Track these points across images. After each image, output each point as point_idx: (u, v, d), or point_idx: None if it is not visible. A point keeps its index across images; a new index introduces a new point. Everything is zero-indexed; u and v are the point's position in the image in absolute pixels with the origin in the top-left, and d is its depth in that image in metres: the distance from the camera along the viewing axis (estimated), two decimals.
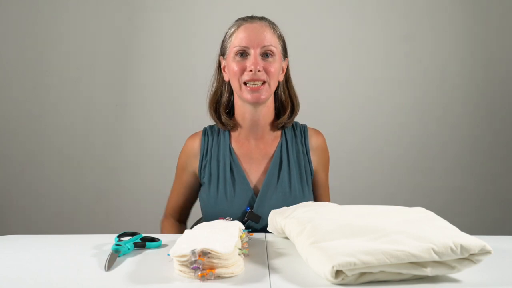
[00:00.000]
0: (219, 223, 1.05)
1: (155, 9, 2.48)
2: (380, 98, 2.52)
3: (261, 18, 1.31)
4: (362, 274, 0.77)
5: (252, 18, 1.30)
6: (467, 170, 2.52)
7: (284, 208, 1.11)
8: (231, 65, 1.27)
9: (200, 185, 1.37)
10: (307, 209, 1.02)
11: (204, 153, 1.33)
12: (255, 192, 1.29)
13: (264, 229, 1.19)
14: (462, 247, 0.77)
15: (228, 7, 2.44)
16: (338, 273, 0.75)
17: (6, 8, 2.45)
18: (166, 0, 2.49)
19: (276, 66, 1.26)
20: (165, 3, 2.48)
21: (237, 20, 1.32)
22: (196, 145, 1.35)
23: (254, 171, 1.31)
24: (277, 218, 1.06)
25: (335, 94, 2.51)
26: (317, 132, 1.40)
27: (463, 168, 2.52)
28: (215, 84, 1.37)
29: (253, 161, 1.32)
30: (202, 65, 1.48)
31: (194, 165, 1.34)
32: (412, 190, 2.49)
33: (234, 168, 1.30)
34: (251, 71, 1.23)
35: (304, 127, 1.39)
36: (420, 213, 0.97)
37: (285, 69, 1.34)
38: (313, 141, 1.37)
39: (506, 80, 2.52)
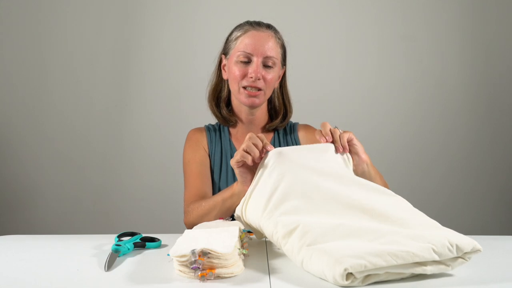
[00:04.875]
0: (219, 223, 1.06)
1: (155, 9, 2.49)
2: (380, 98, 2.52)
3: (268, 26, 1.35)
4: (368, 275, 0.76)
5: (259, 25, 1.33)
6: (467, 170, 2.52)
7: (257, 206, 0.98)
8: (233, 68, 1.32)
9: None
10: (289, 207, 0.91)
11: (210, 143, 1.40)
12: None
13: None
14: (457, 246, 0.80)
15: (228, 8, 2.45)
16: (347, 275, 0.74)
17: (7, 8, 2.45)
18: (166, 0, 2.49)
19: (274, 75, 1.33)
20: (165, 3, 2.49)
21: (245, 24, 1.35)
22: (202, 135, 1.41)
23: None
24: (249, 220, 0.98)
25: (334, 94, 2.51)
26: (306, 125, 1.48)
27: (462, 169, 2.52)
28: (214, 80, 1.42)
29: None
30: (202, 65, 1.49)
31: (205, 147, 1.40)
32: (412, 190, 2.48)
33: None
34: (251, 77, 1.30)
35: (294, 124, 1.47)
36: (392, 197, 0.95)
37: (281, 76, 1.40)
38: (301, 134, 1.44)
39: (506, 80, 2.52)
